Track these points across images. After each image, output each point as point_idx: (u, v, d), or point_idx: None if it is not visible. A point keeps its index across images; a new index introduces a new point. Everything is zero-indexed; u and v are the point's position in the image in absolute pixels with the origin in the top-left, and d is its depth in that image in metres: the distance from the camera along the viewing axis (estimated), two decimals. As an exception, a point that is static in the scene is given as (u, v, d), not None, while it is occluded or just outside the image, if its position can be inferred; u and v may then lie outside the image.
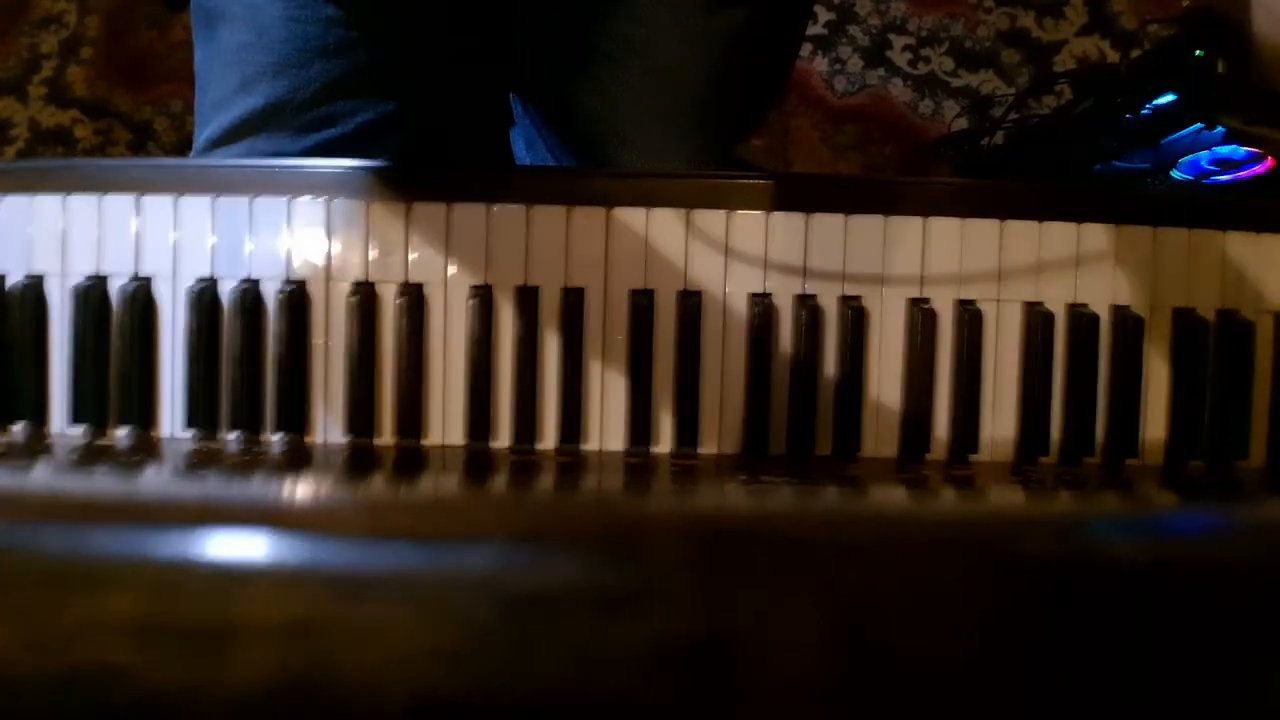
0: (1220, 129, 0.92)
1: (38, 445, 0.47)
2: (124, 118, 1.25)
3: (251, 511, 0.34)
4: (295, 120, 0.58)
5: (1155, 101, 0.91)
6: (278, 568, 0.30)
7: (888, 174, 1.23)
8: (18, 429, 0.48)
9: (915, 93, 1.25)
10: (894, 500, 0.42)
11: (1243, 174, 0.91)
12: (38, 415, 0.48)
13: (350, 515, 0.35)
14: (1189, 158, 0.98)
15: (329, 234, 0.48)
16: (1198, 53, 0.74)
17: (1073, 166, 1.01)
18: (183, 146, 1.23)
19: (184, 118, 1.24)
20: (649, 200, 0.48)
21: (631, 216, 0.48)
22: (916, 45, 1.27)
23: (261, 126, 0.58)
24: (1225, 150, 0.92)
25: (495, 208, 0.48)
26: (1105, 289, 0.49)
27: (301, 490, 0.40)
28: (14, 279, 0.49)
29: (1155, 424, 0.49)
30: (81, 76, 1.27)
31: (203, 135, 0.59)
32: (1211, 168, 0.97)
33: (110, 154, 1.25)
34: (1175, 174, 0.95)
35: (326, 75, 0.58)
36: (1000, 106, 1.22)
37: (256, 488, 0.41)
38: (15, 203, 0.49)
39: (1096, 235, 0.49)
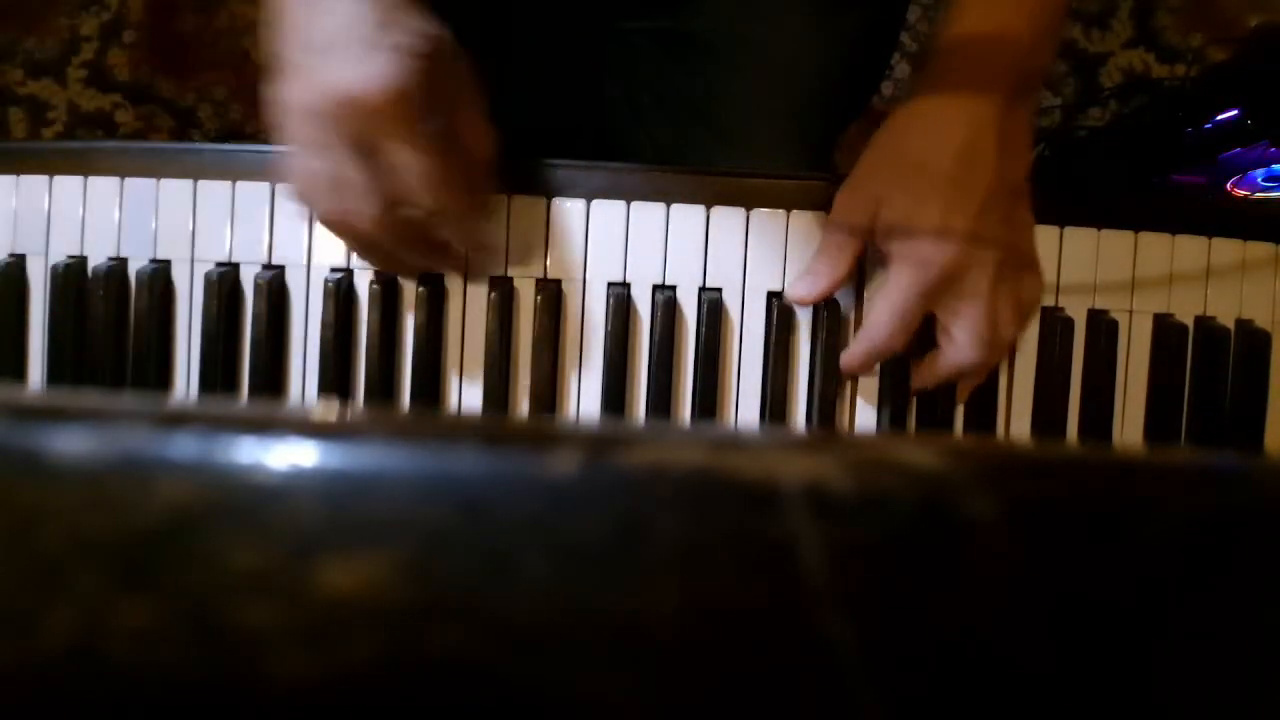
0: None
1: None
2: (167, 104, 1.24)
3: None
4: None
5: (1217, 117, 0.92)
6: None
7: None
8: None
9: (961, 101, 1.25)
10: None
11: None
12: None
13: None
14: (1246, 173, 0.99)
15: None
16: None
17: (1128, 178, 1.02)
18: (226, 134, 1.22)
19: (228, 105, 1.23)
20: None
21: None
22: (964, 53, 1.26)
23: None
24: (1281, 167, 0.93)
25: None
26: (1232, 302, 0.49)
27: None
28: (140, 264, 0.49)
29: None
30: (124, 60, 1.25)
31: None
32: (1267, 184, 0.98)
33: (152, 140, 1.23)
34: (1234, 189, 0.96)
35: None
36: (1046, 117, 1.22)
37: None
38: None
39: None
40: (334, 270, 0.49)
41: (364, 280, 0.49)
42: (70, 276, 0.48)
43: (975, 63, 0.46)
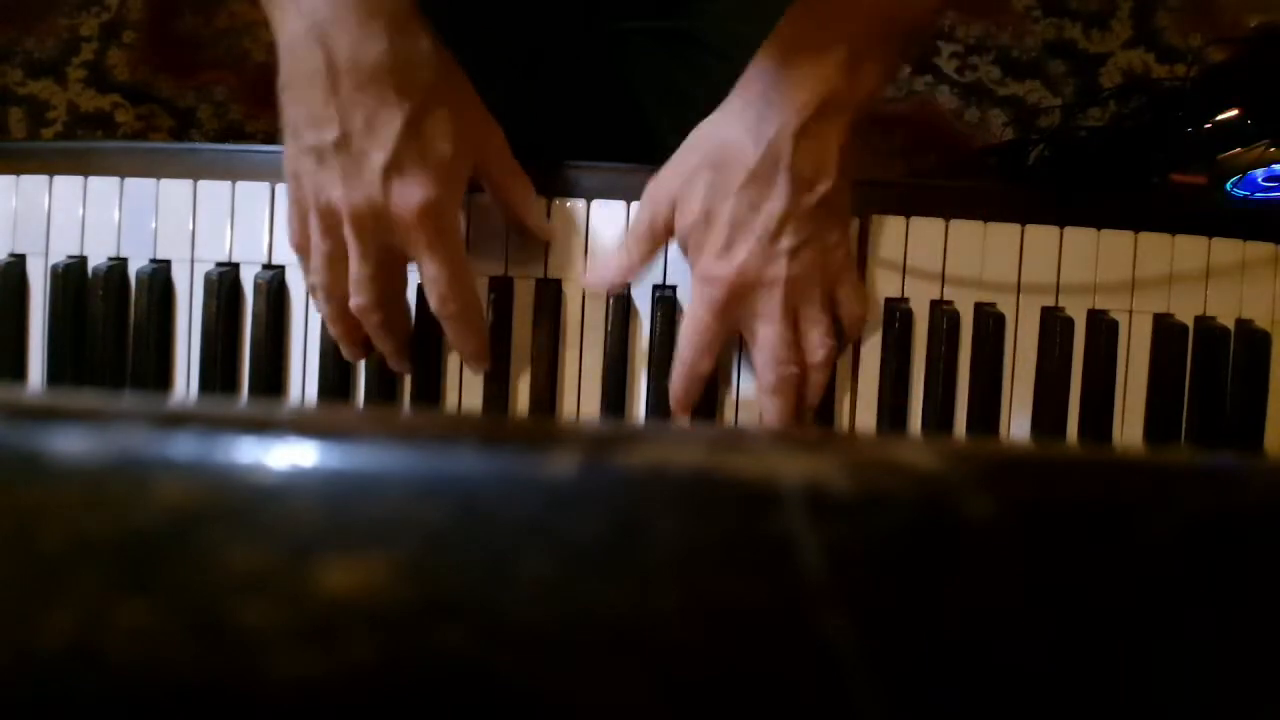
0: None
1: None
2: (166, 104, 1.24)
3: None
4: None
5: (1217, 117, 0.92)
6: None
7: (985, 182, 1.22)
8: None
9: (961, 100, 1.26)
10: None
11: (1304, 191, 0.92)
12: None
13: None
14: (1246, 174, 0.99)
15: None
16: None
17: (1128, 178, 1.02)
18: (226, 134, 1.22)
19: (228, 105, 1.23)
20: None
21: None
22: (964, 53, 1.27)
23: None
24: (1281, 167, 0.93)
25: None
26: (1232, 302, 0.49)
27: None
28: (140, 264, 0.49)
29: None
30: (123, 60, 1.25)
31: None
32: (1266, 184, 0.98)
33: (152, 140, 1.23)
34: (1234, 189, 0.96)
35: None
36: (1046, 117, 1.23)
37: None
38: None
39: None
40: (334, 270, 0.49)
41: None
42: (70, 276, 0.48)
43: (786, 72, 0.44)
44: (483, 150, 0.45)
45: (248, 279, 0.49)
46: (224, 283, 0.48)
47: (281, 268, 0.49)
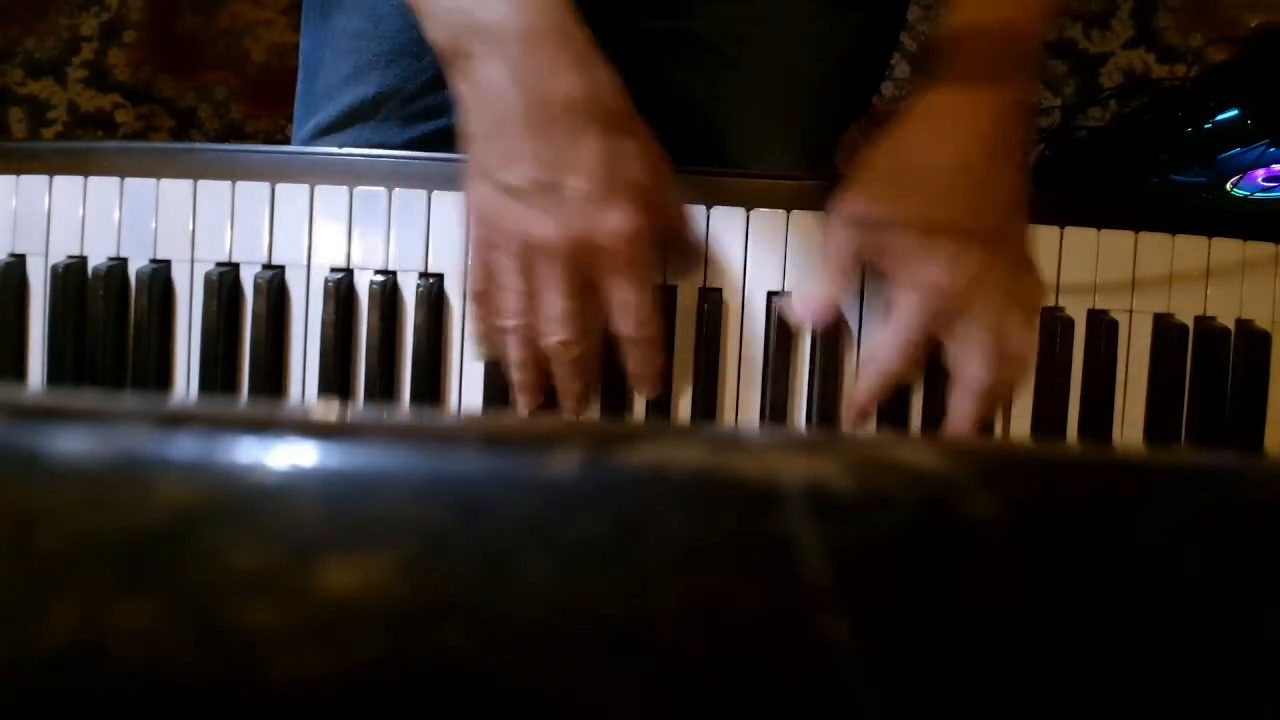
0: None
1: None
2: (167, 104, 1.24)
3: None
4: (404, 110, 0.58)
5: (1217, 117, 0.92)
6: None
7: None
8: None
9: (961, 101, 1.26)
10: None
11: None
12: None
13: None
14: (1246, 173, 0.99)
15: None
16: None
17: (1128, 178, 1.02)
18: (226, 134, 1.22)
19: (228, 105, 1.23)
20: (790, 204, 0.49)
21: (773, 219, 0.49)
22: (964, 53, 1.27)
23: (370, 115, 0.57)
24: (1282, 167, 0.93)
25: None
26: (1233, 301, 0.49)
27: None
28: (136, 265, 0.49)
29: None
30: (124, 60, 1.25)
31: (310, 123, 0.59)
32: (1267, 184, 0.98)
33: (152, 140, 1.24)
34: (1234, 189, 0.96)
35: (438, 65, 0.58)
36: (1046, 117, 1.23)
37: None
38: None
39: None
40: (334, 270, 0.49)
41: (364, 280, 0.49)
42: (70, 276, 0.48)
43: (979, 56, 0.45)
44: (659, 176, 0.45)
45: (248, 279, 0.49)
46: (224, 283, 0.48)
47: (281, 268, 0.49)
